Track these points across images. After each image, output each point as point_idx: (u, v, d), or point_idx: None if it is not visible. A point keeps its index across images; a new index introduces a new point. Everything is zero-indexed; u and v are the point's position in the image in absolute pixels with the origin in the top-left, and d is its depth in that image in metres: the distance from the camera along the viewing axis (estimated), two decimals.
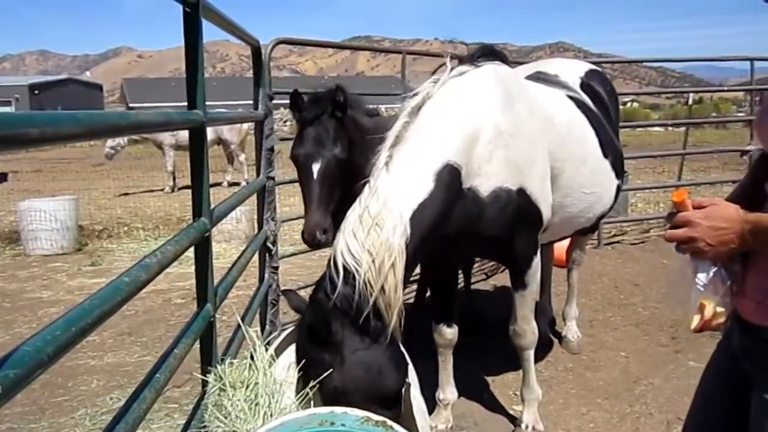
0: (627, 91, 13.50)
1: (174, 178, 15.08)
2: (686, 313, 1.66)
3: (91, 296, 1.36)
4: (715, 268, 1.60)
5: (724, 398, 1.84)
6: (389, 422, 2.08)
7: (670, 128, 28.02)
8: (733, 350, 1.81)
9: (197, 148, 2.37)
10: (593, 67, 4.91)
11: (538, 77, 4.27)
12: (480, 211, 3.14)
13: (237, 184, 15.03)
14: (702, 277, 1.60)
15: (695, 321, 1.63)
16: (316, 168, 3.53)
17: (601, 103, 4.42)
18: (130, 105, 56.17)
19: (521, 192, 3.26)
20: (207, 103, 2.38)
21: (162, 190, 15.03)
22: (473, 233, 3.22)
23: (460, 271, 5.31)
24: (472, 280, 6.86)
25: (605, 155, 4.07)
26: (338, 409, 2.14)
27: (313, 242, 3.53)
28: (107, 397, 4.39)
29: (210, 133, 15.00)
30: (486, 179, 3.10)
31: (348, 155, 3.55)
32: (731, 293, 1.62)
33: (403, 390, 2.82)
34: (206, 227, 2.32)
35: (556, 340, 5.26)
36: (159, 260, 1.76)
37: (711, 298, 1.60)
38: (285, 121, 37.67)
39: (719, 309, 1.61)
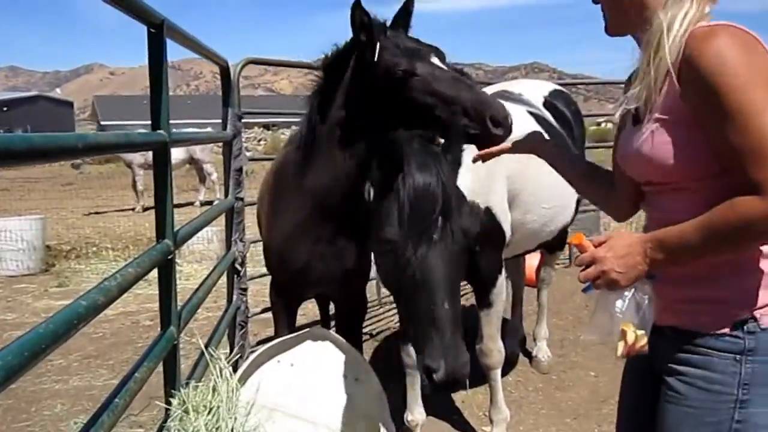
0: (599, 113, 13.73)
1: (143, 198, 14.96)
2: (611, 342, 1.71)
3: (47, 320, 1.36)
4: (630, 293, 1.66)
5: (642, 399, 1.94)
6: None
7: None
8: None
9: (161, 168, 2.36)
10: (558, 87, 5.00)
11: (502, 95, 4.34)
12: None
13: (210, 203, 14.95)
14: (619, 304, 1.66)
15: (620, 348, 1.68)
16: None
17: (564, 122, 4.50)
18: (102, 123, 55.72)
19: (487, 210, 3.33)
20: (180, 121, 2.42)
21: (132, 209, 14.91)
22: None
23: None
24: None
25: None
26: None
27: None
28: (71, 421, 4.33)
29: (182, 152, 15.05)
30: None
31: None
32: (649, 311, 1.68)
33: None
34: (169, 249, 2.31)
35: (526, 360, 5.29)
36: (119, 283, 1.76)
37: (630, 323, 1.66)
38: (259, 140, 37.68)
39: (640, 332, 1.67)
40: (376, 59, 2.45)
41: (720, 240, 1.54)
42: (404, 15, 2.65)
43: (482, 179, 3.33)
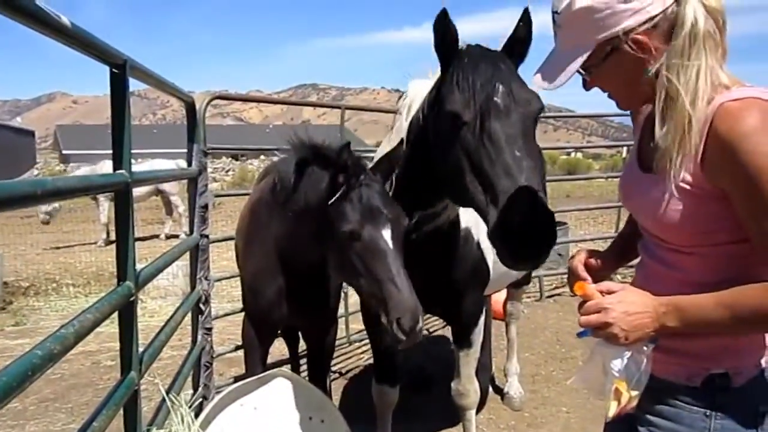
0: (567, 145, 13.99)
1: (108, 231, 14.76)
2: (602, 399, 1.70)
3: None
4: (629, 353, 1.63)
5: None
6: None
7: (609, 179, 28.96)
8: None
9: (122, 209, 2.36)
10: None
11: None
12: None
13: (176, 236, 14.81)
14: (617, 363, 1.63)
15: (613, 408, 1.67)
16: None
17: None
18: (64, 152, 55.09)
19: (478, 244, 3.35)
20: (146, 150, 2.42)
21: (95, 243, 14.68)
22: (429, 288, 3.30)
23: None
24: None
25: None
26: None
27: None
28: None
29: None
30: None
31: None
32: (646, 374, 1.66)
33: None
34: (131, 291, 2.30)
35: (497, 397, 5.29)
36: (76, 330, 1.74)
37: (625, 382, 1.64)
38: (227, 171, 37.51)
39: (634, 393, 1.65)
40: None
41: (744, 320, 1.52)
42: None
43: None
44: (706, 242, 1.64)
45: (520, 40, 2.45)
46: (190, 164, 4.01)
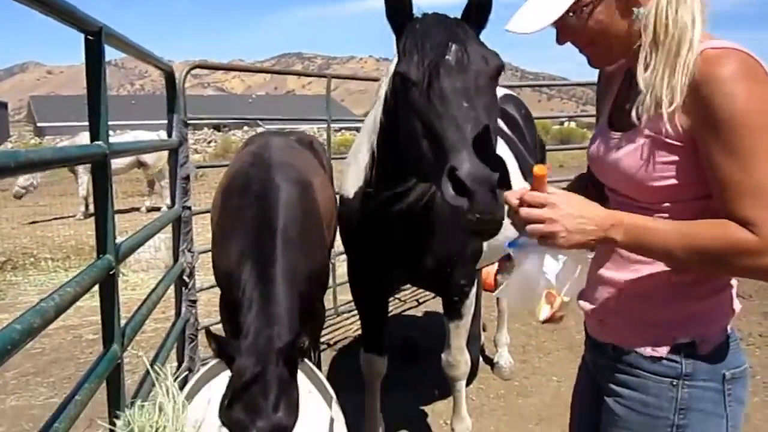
0: (561, 114, 13.94)
1: (87, 204, 14.68)
2: (530, 307, 1.66)
3: None
4: (564, 257, 1.59)
5: (591, 414, 1.98)
6: None
7: None
8: (588, 367, 2.02)
9: (101, 181, 2.36)
10: (507, 91, 5.11)
11: None
12: None
13: (157, 209, 14.76)
14: (553, 266, 1.59)
15: (544, 311, 1.63)
16: None
17: (515, 127, 4.58)
18: (39, 125, 54.52)
19: None
20: (125, 122, 2.41)
21: (73, 216, 14.61)
22: (414, 261, 3.34)
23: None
24: (404, 308, 6.98)
25: (525, 178, 4.22)
26: None
27: None
28: None
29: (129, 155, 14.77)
30: None
31: None
32: (580, 282, 1.67)
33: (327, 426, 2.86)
34: (111, 264, 2.31)
35: (487, 367, 5.38)
36: (56, 304, 1.76)
37: (558, 287, 1.61)
38: (209, 142, 37.23)
39: (566, 299, 1.62)
40: None
41: (697, 254, 1.52)
42: None
43: None
44: (679, 197, 1.64)
45: (480, 5, 2.41)
46: (170, 135, 4.00)
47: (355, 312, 4.99)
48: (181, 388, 2.81)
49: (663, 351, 1.72)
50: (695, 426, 1.71)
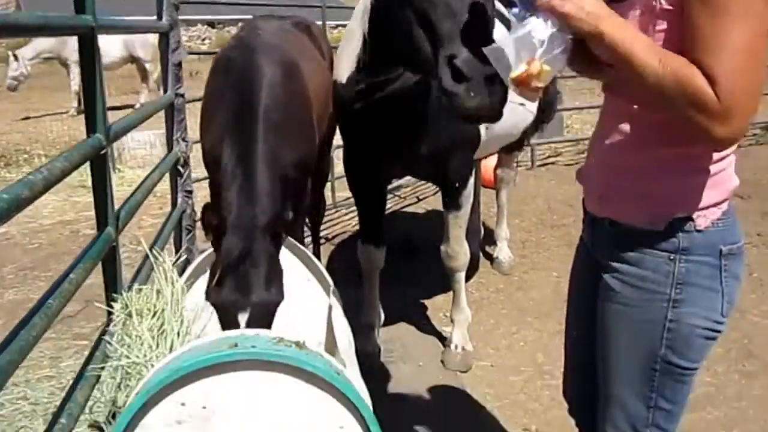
0: None
1: (79, 100, 14.45)
2: (509, 72, 1.61)
3: None
4: (555, 30, 1.56)
5: (588, 295, 2.00)
6: (302, 341, 2.12)
7: None
8: (587, 245, 2.04)
9: (88, 58, 2.27)
10: None
11: None
12: None
13: None
14: (539, 33, 1.55)
15: (520, 69, 1.57)
16: None
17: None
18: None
19: None
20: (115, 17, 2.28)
21: (66, 113, 14.42)
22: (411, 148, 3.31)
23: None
24: (403, 204, 6.98)
25: None
26: (249, 331, 2.16)
27: None
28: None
29: (121, 49, 14.55)
30: None
31: None
32: (563, 58, 1.62)
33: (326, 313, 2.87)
34: (101, 144, 2.25)
35: (487, 262, 5.40)
36: (45, 177, 1.70)
37: (541, 57, 1.57)
38: (203, 39, 36.45)
39: (546, 68, 1.57)
40: None
41: (654, 78, 1.50)
42: None
43: None
44: None
45: None
46: (160, 18, 3.85)
47: (354, 207, 4.97)
48: (180, 275, 2.80)
49: (661, 225, 1.72)
50: (691, 300, 1.73)
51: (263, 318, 2.44)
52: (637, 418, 1.87)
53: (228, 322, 2.42)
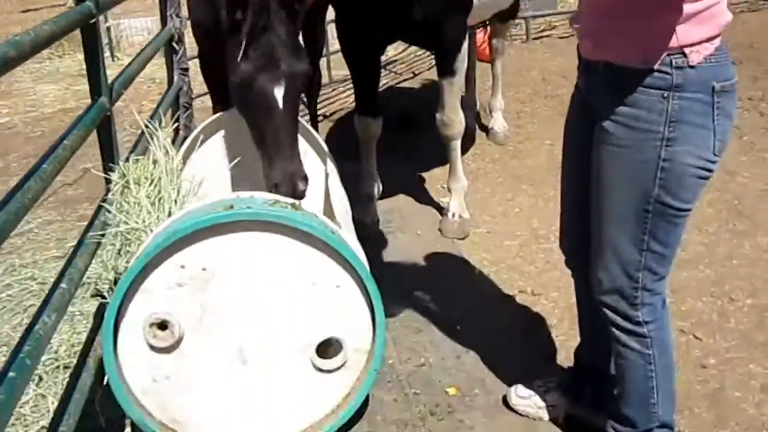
0: None
1: None
2: None
3: None
4: None
5: (583, 142, 2.04)
6: (298, 203, 2.16)
7: None
8: (582, 92, 2.06)
9: None
10: None
11: None
12: None
13: None
14: None
15: None
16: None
17: None
18: None
19: None
20: None
21: (64, 4, 13.99)
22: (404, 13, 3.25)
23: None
24: (399, 80, 6.88)
25: None
26: (244, 194, 2.19)
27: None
28: None
29: None
30: None
31: None
32: None
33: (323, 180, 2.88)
34: (91, 12, 2.21)
35: (483, 134, 5.39)
36: (32, 39, 1.69)
37: None
38: None
39: None
40: None
41: None
42: None
43: None
44: None
45: None
46: None
47: (350, 84, 4.91)
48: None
49: (654, 62, 1.72)
50: (684, 138, 1.75)
51: (295, 89, 2.30)
52: (629, 262, 1.92)
53: (262, 97, 2.26)
